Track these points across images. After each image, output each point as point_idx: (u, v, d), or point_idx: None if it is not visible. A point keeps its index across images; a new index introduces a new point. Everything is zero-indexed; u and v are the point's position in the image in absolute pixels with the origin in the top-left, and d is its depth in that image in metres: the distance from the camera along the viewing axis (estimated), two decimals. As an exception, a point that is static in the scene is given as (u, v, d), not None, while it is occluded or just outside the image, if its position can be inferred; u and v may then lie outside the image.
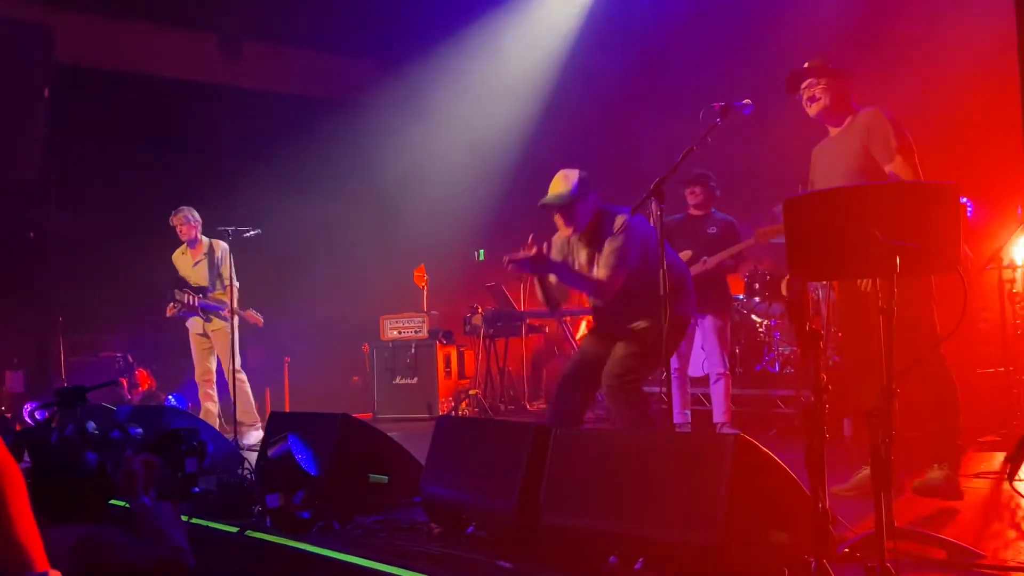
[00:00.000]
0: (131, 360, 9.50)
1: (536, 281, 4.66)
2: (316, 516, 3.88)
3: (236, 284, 7.31)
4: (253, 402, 7.40)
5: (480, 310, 9.36)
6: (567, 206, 4.49)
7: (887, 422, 2.44)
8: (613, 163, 8.98)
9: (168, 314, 7.40)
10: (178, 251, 7.63)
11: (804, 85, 4.24)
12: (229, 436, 6.48)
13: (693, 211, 6.48)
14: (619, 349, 4.44)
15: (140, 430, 4.12)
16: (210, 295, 7.37)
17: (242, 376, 7.26)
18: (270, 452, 4.01)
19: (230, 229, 7.06)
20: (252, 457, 4.70)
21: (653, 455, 3.01)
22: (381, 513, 4.10)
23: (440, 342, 9.33)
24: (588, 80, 9.85)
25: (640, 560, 2.77)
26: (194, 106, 9.87)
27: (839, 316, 6.99)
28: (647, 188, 4.07)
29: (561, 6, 10.14)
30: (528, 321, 9.50)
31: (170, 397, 9.10)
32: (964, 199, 5.58)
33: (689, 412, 6.42)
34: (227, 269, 7.22)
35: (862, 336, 3.98)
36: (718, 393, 6.32)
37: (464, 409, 8.99)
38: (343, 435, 4.33)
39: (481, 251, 9.93)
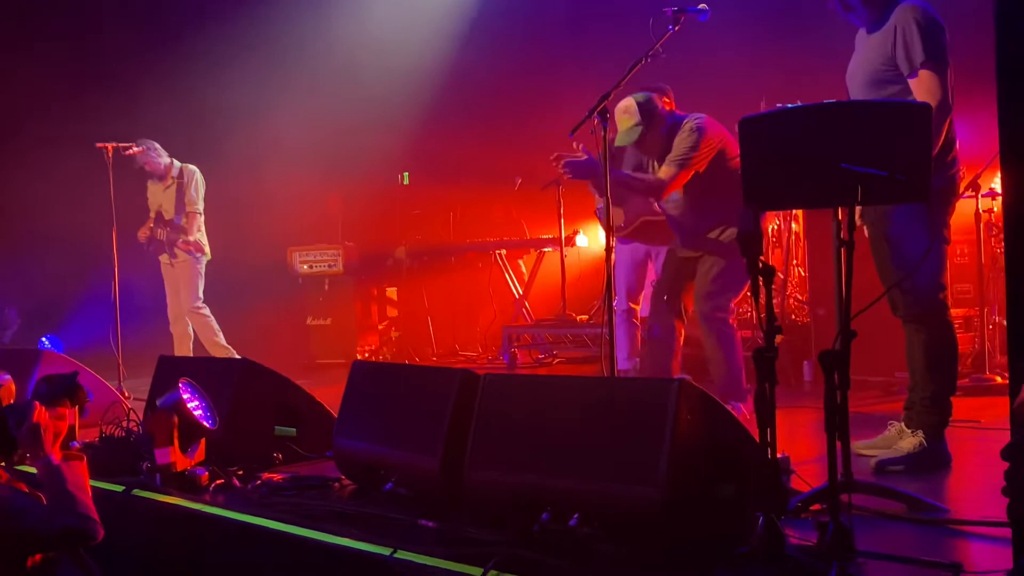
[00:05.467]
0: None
1: (595, 193, 5.15)
2: (213, 473, 3.91)
3: (200, 214, 7.65)
4: (220, 337, 7.68)
5: (404, 242, 9.34)
6: (641, 138, 4.91)
7: (843, 365, 2.54)
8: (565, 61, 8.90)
9: (140, 238, 7.68)
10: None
11: None
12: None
13: None
14: (704, 265, 4.91)
15: (8, 376, 4.07)
16: (177, 225, 7.63)
17: (205, 311, 7.65)
18: (159, 401, 4.01)
19: (110, 146, 6.95)
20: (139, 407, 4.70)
21: (591, 403, 3.10)
22: (288, 470, 4.15)
23: (358, 278, 9.32)
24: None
25: (575, 516, 2.87)
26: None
27: (803, 249, 7.22)
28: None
29: None
30: (459, 256, 9.52)
31: (43, 339, 8.97)
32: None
33: (638, 359, 6.53)
34: (192, 194, 7.62)
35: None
36: (669, 334, 6.44)
37: (385, 355, 9.03)
38: (244, 382, 4.35)
39: (406, 174, 9.84)
